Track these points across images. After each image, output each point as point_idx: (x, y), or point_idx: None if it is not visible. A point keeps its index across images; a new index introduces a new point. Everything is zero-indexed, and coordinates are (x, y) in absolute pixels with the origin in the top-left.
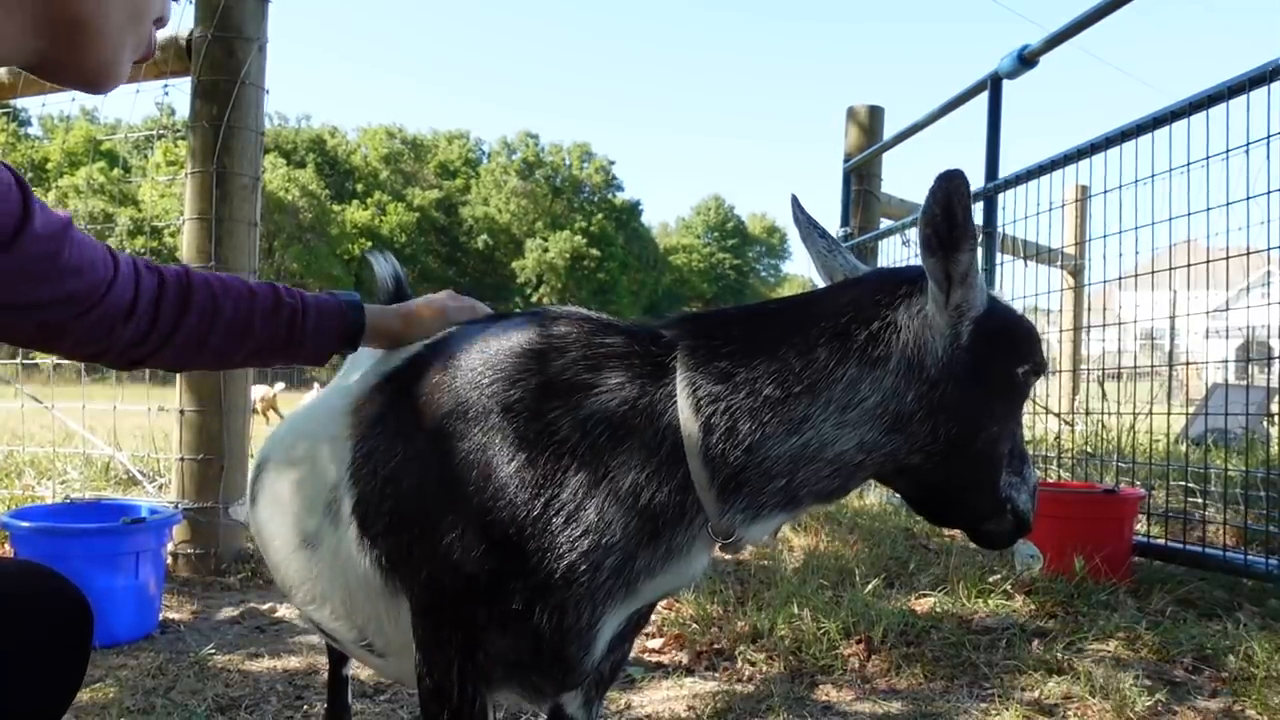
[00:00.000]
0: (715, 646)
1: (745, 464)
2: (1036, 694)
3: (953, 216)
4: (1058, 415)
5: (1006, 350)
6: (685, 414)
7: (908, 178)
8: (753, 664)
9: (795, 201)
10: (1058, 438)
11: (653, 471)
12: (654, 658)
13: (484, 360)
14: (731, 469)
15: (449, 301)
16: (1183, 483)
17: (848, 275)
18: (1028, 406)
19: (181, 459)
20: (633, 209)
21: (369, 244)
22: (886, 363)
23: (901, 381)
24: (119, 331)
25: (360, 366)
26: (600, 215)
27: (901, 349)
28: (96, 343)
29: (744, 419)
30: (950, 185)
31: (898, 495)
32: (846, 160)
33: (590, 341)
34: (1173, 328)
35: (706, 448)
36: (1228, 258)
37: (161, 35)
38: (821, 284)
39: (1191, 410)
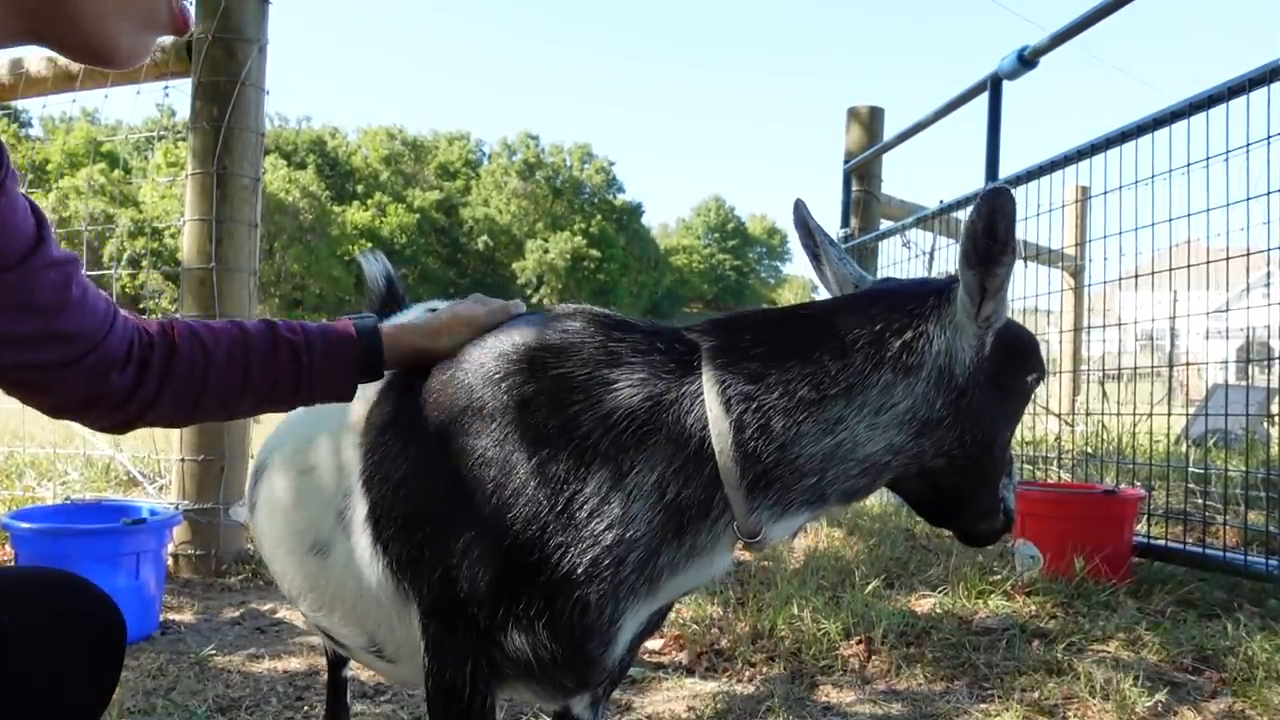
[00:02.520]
0: (715, 647)
1: (778, 461)
2: (1037, 694)
3: (994, 232)
4: (1058, 416)
5: (1019, 359)
6: (714, 411)
7: (908, 178)
8: (753, 664)
9: (802, 206)
10: (1058, 438)
11: (679, 467)
12: (654, 658)
13: (497, 356)
14: (763, 466)
15: (477, 308)
16: (1183, 483)
17: (857, 284)
18: (1029, 407)
19: (182, 459)
20: (633, 210)
21: (369, 245)
22: (919, 370)
23: (932, 388)
24: (113, 381)
25: None
26: (600, 216)
27: (934, 357)
28: (89, 393)
29: (778, 418)
30: (995, 201)
31: (896, 495)
32: (847, 161)
33: (609, 336)
34: (1173, 328)
35: (738, 445)
36: (1228, 258)
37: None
38: (825, 290)
39: (1192, 411)
